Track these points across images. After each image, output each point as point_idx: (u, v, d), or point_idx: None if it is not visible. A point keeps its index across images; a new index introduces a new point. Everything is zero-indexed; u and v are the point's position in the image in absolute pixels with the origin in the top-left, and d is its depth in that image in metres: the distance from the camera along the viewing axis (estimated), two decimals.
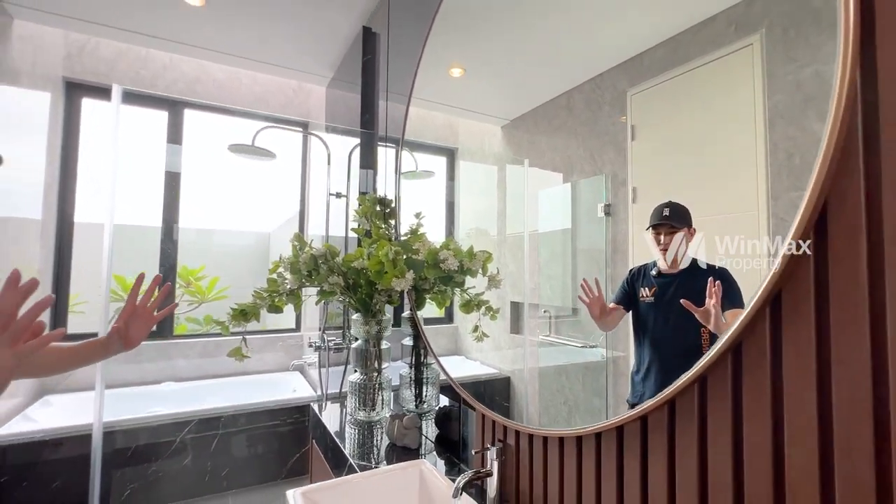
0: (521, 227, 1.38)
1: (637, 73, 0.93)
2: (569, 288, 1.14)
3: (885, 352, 0.42)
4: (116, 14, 2.12)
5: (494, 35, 1.45)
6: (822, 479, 0.46)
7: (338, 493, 0.98)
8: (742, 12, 0.66)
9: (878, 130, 0.44)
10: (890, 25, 0.43)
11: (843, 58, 0.45)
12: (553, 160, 1.26)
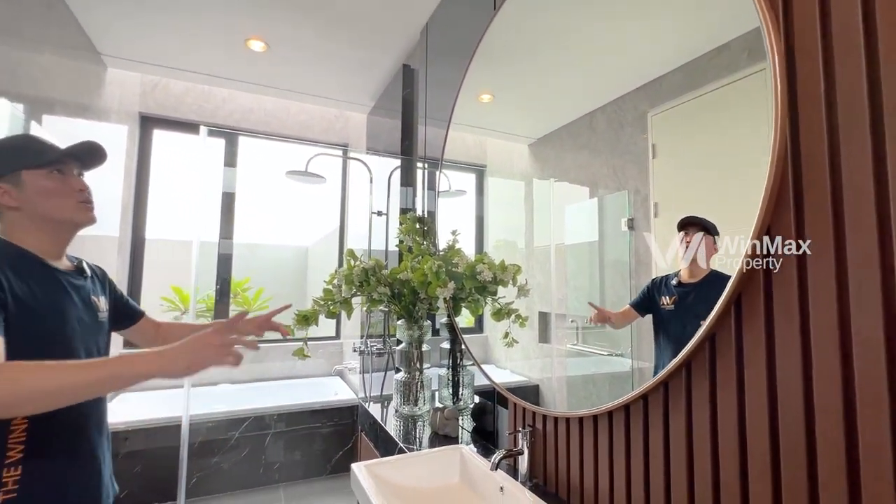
0: (547, 240, 1.42)
1: (657, 95, 0.97)
2: (596, 299, 1.16)
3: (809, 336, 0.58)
4: (191, 60, 2.46)
5: (521, 65, 1.54)
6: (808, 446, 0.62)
7: (393, 467, 1.17)
8: (754, 39, 0.68)
9: (800, 175, 0.61)
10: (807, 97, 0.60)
11: (776, 124, 0.62)
12: (578, 176, 1.30)
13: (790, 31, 0.63)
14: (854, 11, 0.56)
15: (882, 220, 0.53)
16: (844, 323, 0.56)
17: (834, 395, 0.56)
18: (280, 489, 2.60)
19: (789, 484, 0.60)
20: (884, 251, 0.53)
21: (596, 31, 1.20)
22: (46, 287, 0.86)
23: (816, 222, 0.59)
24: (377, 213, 2.58)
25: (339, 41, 2.20)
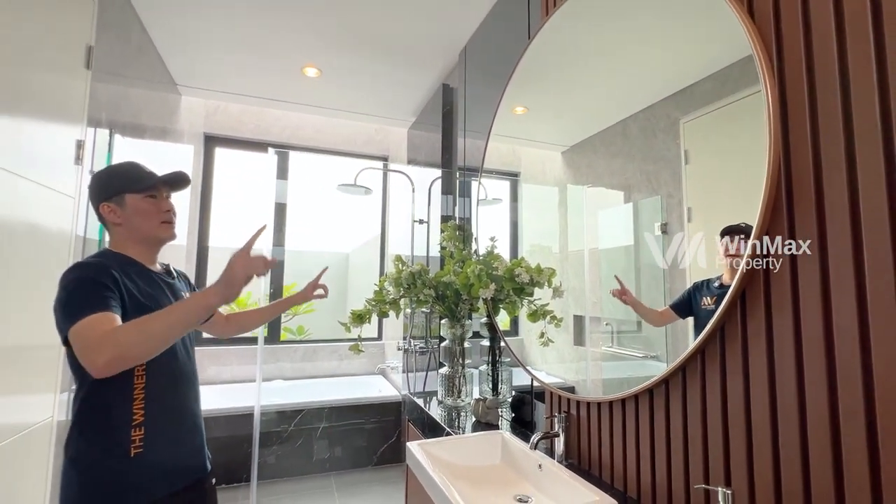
0: (581, 245, 1.44)
1: (688, 103, 1.00)
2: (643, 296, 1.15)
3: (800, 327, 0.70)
4: (253, 86, 2.74)
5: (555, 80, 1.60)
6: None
7: (443, 446, 1.33)
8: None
9: (791, 187, 0.72)
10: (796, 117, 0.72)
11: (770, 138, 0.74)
12: (611, 182, 1.32)
13: (781, 63, 0.75)
14: (831, 47, 0.68)
15: (855, 225, 0.64)
16: (827, 310, 0.67)
17: (820, 372, 0.67)
18: (331, 477, 2.82)
19: (787, 450, 0.71)
20: (857, 250, 0.64)
21: (627, 46, 1.23)
22: (147, 285, 1.07)
23: (805, 225, 0.70)
24: (419, 221, 2.77)
25: (385, 65, 2.41)
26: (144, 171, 1.12)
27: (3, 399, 1.21)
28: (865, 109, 0.64)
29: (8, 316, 1.22)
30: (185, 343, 1.15)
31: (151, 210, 1.10)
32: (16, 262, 1.25)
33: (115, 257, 1.07)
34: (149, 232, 1.10)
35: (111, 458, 0.96)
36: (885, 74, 0.62)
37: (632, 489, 1.03)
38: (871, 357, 0.62)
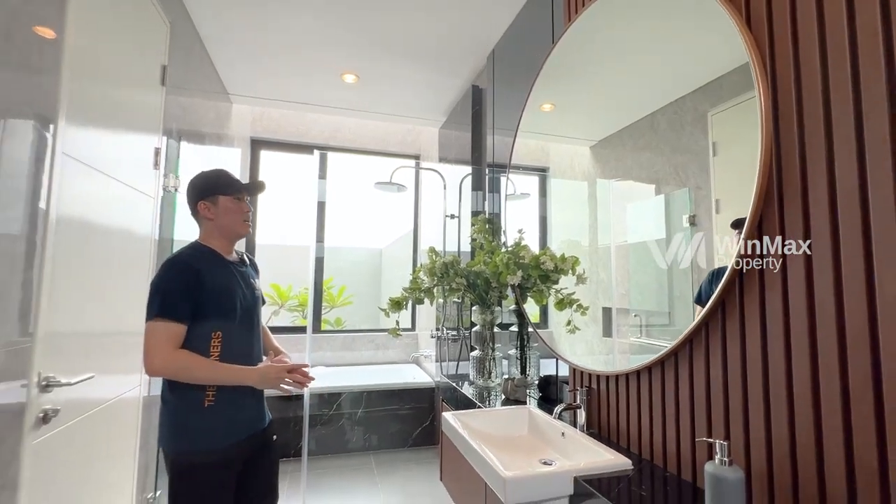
0: (611, 238, 1.46)
1: (716, 95, 1.02)
2: (663, 294, 1.19)
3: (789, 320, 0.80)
4: (295, 93, 2.96)
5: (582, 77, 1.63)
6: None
7: (475, 416, 1.48)
8: None
9: (781, 182, 0.82)
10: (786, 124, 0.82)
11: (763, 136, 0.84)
12: (640, 176, 1.34)
13: (774, 69, 0.85)
14: (815, 57, 0.77)
15: (834, 233, 0.74)
16: (811, 292, 0.77)
17: (803, 340, 0.77)
18: (370, 456, 3.02)
19: (777, 413, 0.82)
20: (836, 249, 0.74)
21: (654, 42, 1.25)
22: (223, 273, 1.31)
23: (793, 224, 0.80)
24: (450, 216, 2.92)
25: (418, 69, 2.57)
26: (233, 177, 1.39)
27: (104, 375, 1.44)
28: (844, 118, 0.73)
29: (105, 305, 1.45)
30: (254, 323, 1.39)
31: (236, 209, 1.35)
32: (112, 255, 1.48)
33: (202, 250, 1.33)
34: (232, 227, 1.36)
35: (190, 407, 1.22)
36: (858, 87, 0.72)
37: (646, 452, 1.14)
38: (845, 326, 0.72)
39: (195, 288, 1.23)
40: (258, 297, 1.44)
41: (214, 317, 1.25)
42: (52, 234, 1.12)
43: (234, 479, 1.27)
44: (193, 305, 1.22)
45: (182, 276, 1.22)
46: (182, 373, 1.19)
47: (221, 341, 1.26)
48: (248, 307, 1.36)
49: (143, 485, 1.74)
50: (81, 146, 1.24)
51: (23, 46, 0.98)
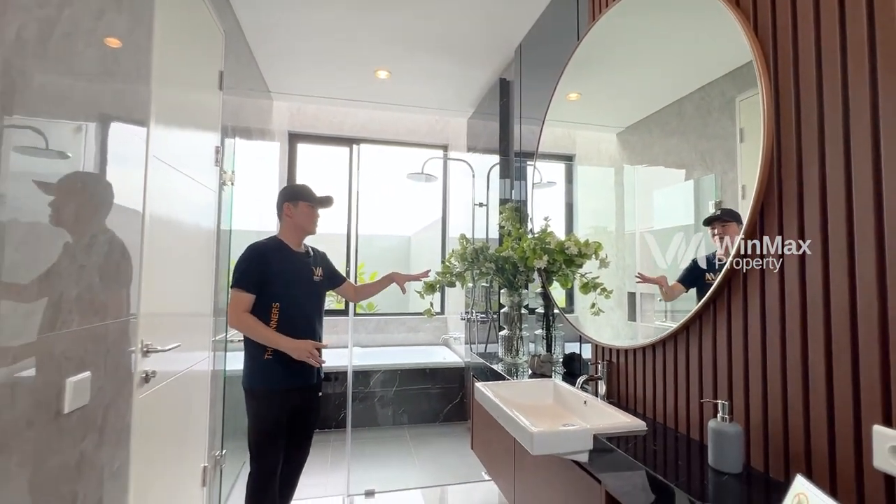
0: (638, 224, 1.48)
1: (744, 81, 1.02)
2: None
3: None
4: (332, 89, 3.14)
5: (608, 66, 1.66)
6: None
7: (504, 386, 1.64)
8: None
9: (780, 179, 0.93)
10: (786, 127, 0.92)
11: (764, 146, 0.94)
12: (667, 161, 1.35)
13: (777, 66, 0.95)
14: (812, 62, 0.87)
15: (823, 227, 0.85)
16: (803, 276, 0.88)
17: (796, 313, 0.89)
18: (405, 429, 3.25)
19: (772, 380, 0.93)
20: (825, 251, 0.84)
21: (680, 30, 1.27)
22: (287, 261, 1.75)
23: (791, 222, 0.91)
24: (479, 204, 3.05)
25: (448, 64, 2.69)
26: (310, 189, 1.85)
27: (181, 351, 1.67)
28: (833, 120, 0.83)
29: (180, 290, 1.66)
30: (311, 300, 1.77)
31: (310, 214, 1.81)
32: (184, 246, 1.69)
33: (275, 241, 1.78)
34: (304, 226, 1.81)
35: (256, 357, 1.68)
36: (847, 92, 0.82)
37: (659, 417, 1.27)
38: (830, 310, 0.83)
39: (262, 269, 1.66)
40: (317, 281, 1.84)
41: (275, 293, 1.68)
42: (148, 229, 1.33)
43: (286, 414, 1.70)
44: (259, 282, 1.65)
45: (253, 259, 1.68)
46: (245, 330, 1.65)
47: (279, 311, 1.68)
48: (305, 289, 1.78)
49: (213, 443, 1.99)
50: (162, 147, 1.44)
51: (123, 58, 1.17)
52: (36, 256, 0.87)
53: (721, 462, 0.95)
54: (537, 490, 1.54)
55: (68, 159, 0.96)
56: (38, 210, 0.88)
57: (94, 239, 1.06)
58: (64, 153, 0.95)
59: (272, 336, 1.64)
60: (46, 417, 0.91)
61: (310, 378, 1.76)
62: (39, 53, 0.86)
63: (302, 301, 1.74)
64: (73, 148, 0.98)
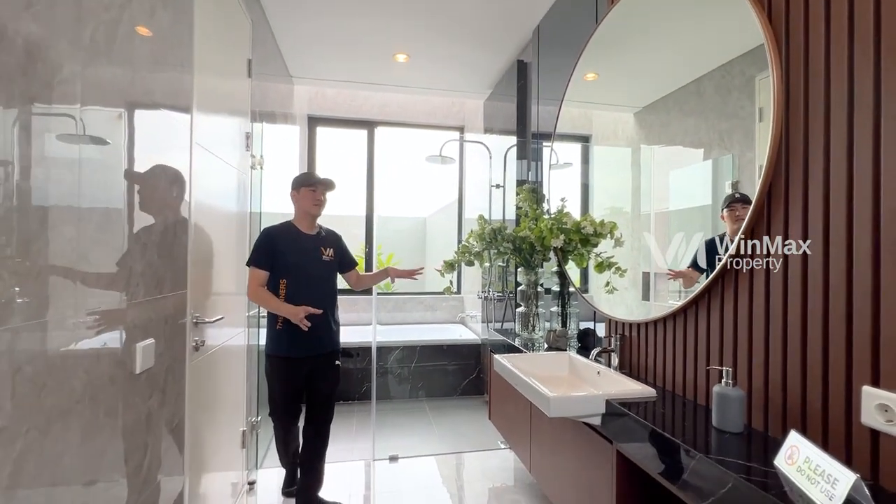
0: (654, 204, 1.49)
1: (764, 59, 1.01)
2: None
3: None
4: (351, 73, 3.19)
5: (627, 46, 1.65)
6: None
7: (523, 359, 1.74)
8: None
9: (788, 159, 0.98)
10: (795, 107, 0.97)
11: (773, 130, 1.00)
12: (685, 141, 1.35)
13: (788, 50, 1.00)
14: (820, 52, 0.92)
15: (825, 211, 0.91)
16: (805, 258, 0.95)
17: (798, 290, 0.96)
18: (424, 402, 3.40)
19: (773, 350, 1.01)
20: (826, 235, 0.91)
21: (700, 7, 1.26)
22: (296, 242, 1.92)
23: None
24: (495, 186, 3.11)
25: (466, 46, 2.72)
26: (313, 175, 1.98)
27: (220, 325, 1.80)
28: (839, 103, 0.89)
29: (219, 269, 1.78)
30: (318, 277, 1.95)
31: (310, 196, 1.94)
32: (221, 227, 1.81)
33: (286, 225, 1.97)
34: (306, 208, 1.95)
35: (271, 327, 1.91)
36: (852, 81, 0.87)
37: (668, 385, 1.36)
38: (828, 279, 0.90)
39: (270, 249, 1.87)
40: (325, 261, 1.99)
41: (283, 270, 1.88)
42: (194, 213, 1.44)
43: (300, 378, 1.91)
44: (269, 260, 1.86)
45: (265, 240, 1.88)
46: (260, 302, 1.89)
47: (286, 287, 1.88)
48: (313, 267, 1.94)
49: (249, 410, 2.16)
50: (202, 133, 1.54)
51: (170, 50, 1.26)
52: (113, 236, 0.98)
53: (724, 422, 1.04)
54: (552, 453, 1.66)
55: (140, 146, 1.07)
56: (115, 196, 0.99)
57: (156, 219, 1.18)
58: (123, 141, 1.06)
59: (278, 304, 1.83)
60: (123, 376, 1.04)
61: (319, 348, 1.93)
62: (106, 52, 0.96)
63: (308, 278, 1.91)
64: (144, 136, 1.09)
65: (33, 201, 0.76)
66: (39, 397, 0.77)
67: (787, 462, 0.83)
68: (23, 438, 0.73)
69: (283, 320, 1.84)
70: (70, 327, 0.85)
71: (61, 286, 0.83)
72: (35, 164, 0.77)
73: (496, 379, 2.35)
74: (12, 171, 0.72)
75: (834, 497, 0.69)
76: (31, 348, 0.75)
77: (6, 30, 0.70)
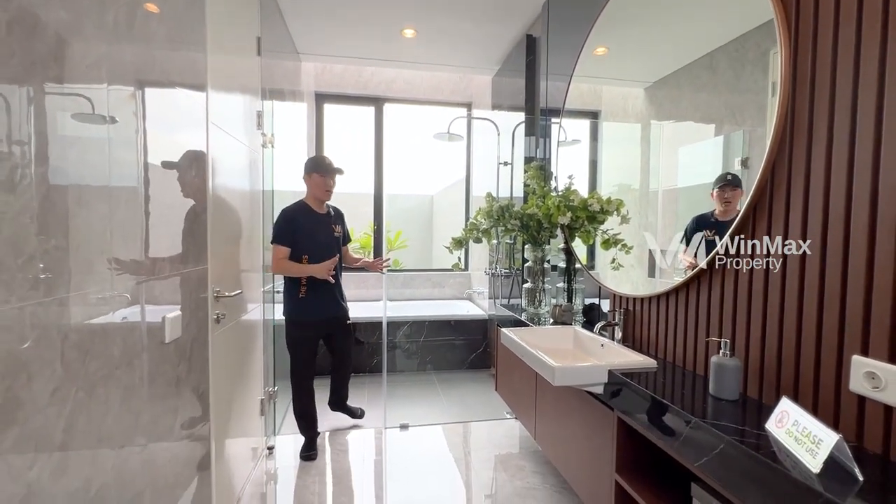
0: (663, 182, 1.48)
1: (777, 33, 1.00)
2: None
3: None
4: (358, 49, 3.17)
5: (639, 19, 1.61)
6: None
7: (529, 332, 1.80)
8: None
9: (793, 135, 1.00)
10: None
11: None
12: (695, 117, 1.33)
13: (798, 26, 1.00)
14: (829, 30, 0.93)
15: (826, 189, 0.93)
16: (803, 239, 0.98)
17: (796, 269, 0.99)
18: (433, 375, 3.51)
19: (770, 324, 1.05)
20: (826, 212, 0.93)
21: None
22: (311, 220, 2.20)
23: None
24: (503, 163, 3.12)
25: (474, 21, 2.69)
26: (325, 162, 2.22)
27: (239, 300, 1.87)
28: (844, 84, 0.90)
29: (236, 244, 1.84)
30: (332, 251, 2.21)
31: (321, 183, 2.20)
32: (236, 203, 1.86)
33: (300, 204, 2.22)
34: (316, 194, 2.22)
35: (292, 295, 2.20)
36: (859, 55, 0.88)
37: (669, 357, 1.42)
38: (825, 255, 0.93)
39: (292, 228, 2.12)
40: (336, 237, 2.29)
41: (303, 246, 2.15)
42: (213, 191, 1.49)
43: (316, 340, 2.26)
44: (291, 237, 2.12)
45: (285, 219, 2.14)
46: (287, 272, 2.14)
47: (308, 260, 2.17)
48: (327, 242, 2.24)
49: (267, 381, 2.26)
50: (216, 112, 1.57)
51: (185, 29, 1.28)
52: (138, 214, 1.04)
53: (720, 391, 1.10)
54: (556, 421, 1.74)
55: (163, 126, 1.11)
56: (139, 175, 1.04)
57: (181, 198, 1.23)
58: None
59: (305, 268, 2.12)
60: (154, 344, 1.11)
61: (333, 311, 2.28)
62: (128, 35, 0.99)
63: (324, 252, 2.19)
64: (165, 116, 1.13)
65: (54, 180, 0.81)
66: (84, 362, 0.84)
67: (777, 426, 0.88)
68: (72, 398, 0.80)
69: (306, 288, 2.15)
70: (107, 301, 0.92)
71: (96, 262, 0.89)
72: (60, 145, 0.81)
73: (503, 352, 2.42)
74: (31, 152, 0.76)
75: (818, 455, 0.75)
76: (74, 319, 0.82)
77: (38, 19, 0.73)
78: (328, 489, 1.99)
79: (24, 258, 0.69)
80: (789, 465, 0.78)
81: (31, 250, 0.71)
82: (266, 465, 2.18)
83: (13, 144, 0.68)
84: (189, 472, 1.32)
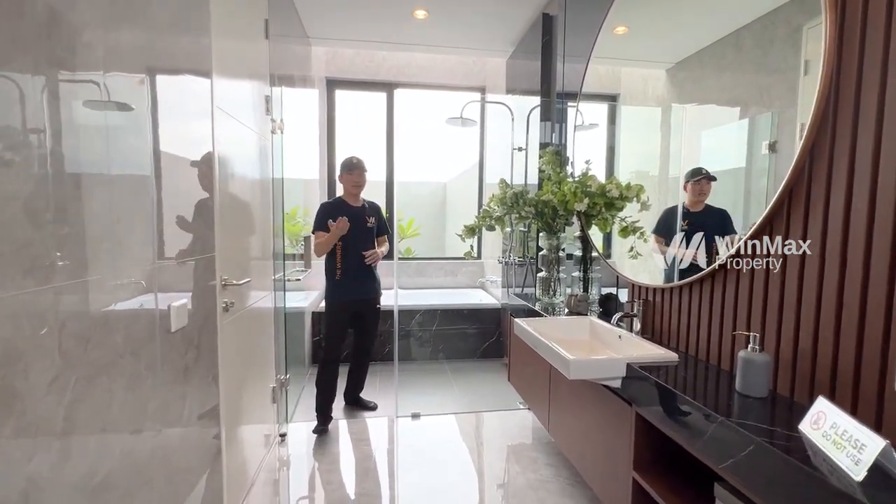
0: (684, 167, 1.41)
1: (814, 5, 0.92)
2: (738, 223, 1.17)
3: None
4: (369, 32, 3.10)
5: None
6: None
7: (543, 322, 1.75)
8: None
9: (836, 113, 0.92)
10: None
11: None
12: (720, 99, 1.26)
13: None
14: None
15: (875, 164, 0.84)
16: (846, 222, 0.90)
17: (815, 265, 0.92)
18: (445, 364, 3.49)
19: (805, 317, 0.98)
20: (874, 188, 0.85)
21: None
22: (346, 213, 2.31)
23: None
24: (518, 149, 3.03)
25: (487, 1, 2.59)
26: (352, 162, 2.43)
27: (248, 288, 1.86)
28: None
29: (245, 232, 1.82)
30: (364, 241, 2.41)
31: (347, 181, 2.43)
32: (245, 190, 1.83)
33: (337, 199, 2.48)
34: (347, 189, 2.45)
35: (331, 278, 2.43)
36: None
37: (692, 350, 1.35)
38: (871, 246, 0.85)
39: (327, 219, 2.33)
40: (370, 227, 2.49)
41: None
42: (219, 177, 1.45)
43: (349, 319, 2.46)
44: (326, 227, 2.30)
45: (322, 211, 2.40)
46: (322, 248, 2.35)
47: (341, 248, 2.39)
48: (360, 232, 2.40)
49: (278, 369, 2.25)
50: (223, 97, 1.53)
51: (187, 11, 1.24)
52: (144, 201, 1.01)
53: (748, 388, 1.03)
54: (571, 414, 1.69)
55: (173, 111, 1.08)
56: (145, 163, 1.01)
57: (186, 186, 1.20)
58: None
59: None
60: (161, 333, 1.09)
61: (367, 293, 2.49)
62: (131, 17, 0.95)
63: (357, 241, 2.40)
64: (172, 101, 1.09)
65: (67, 168, 0.78)
66: (85, 351, 0.82)
67: (812, 427, 0.82)
68: (72, 388, 0.78)
69: (340, 271, 2.39)
70: (109, 289, 0.89)
71: (99, 249, 0.86)
72: (65, 132, 0.78)
73: (516, 342, 2.38)
74: (44, 139, 0.73)
75: (860, 462, 0.69)
76: (74, 307, 0.80)
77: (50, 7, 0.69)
78: (341, 476, 1.99)
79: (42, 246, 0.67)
80: (826, 471, 0.72)
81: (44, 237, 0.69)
82: (279, 452, 2.19)
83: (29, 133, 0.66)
84: (200, 458, 1.32)
